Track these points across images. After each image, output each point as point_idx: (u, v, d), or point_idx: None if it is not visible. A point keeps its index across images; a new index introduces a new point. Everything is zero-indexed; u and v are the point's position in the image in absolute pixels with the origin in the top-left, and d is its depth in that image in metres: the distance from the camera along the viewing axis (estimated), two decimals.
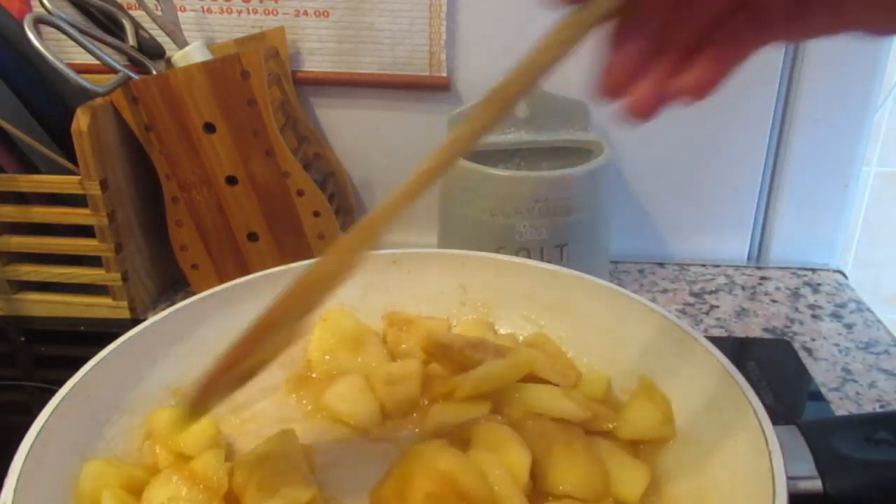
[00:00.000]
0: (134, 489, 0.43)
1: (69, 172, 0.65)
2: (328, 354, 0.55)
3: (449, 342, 0.51)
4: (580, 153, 0.71)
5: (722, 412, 0.44)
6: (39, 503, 0.39)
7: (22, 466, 0.38)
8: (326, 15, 0.74)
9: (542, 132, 0.73)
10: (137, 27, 0.69)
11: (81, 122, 0.62)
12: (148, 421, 0.48)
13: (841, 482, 0.40)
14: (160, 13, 0.69)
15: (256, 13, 0.74)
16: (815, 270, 0.79)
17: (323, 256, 0.38)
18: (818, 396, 0.59)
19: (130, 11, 0.70)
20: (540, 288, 0.58)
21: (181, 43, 0.69)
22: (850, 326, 0.69)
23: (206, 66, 0.63)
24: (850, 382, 0.61)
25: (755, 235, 0.82)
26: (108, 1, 0.69)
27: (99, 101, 0.64)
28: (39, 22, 0.61)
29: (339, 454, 0.48)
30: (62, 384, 0.44)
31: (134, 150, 0.69)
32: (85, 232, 0.68)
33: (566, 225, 0.66)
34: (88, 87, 0.61)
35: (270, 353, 0.40)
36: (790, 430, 0.42)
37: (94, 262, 0.69)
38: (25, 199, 0.68)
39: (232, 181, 0.68)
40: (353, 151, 0.80)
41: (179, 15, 0.71)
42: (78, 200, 0.66)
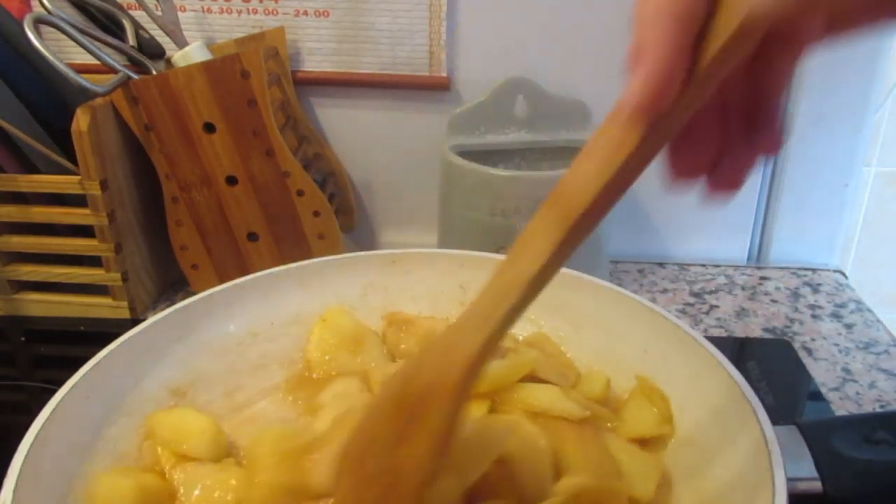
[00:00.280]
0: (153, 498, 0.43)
1: (69, 172, 0.65)
2: (328, 355, 0.55)
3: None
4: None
5: (722, 412, 0.44)
6: (39, 503, 0.39)
7: (21, 466, 0.38)
8: (326, 15, 0.74)
9: (542, 132, 0.73)
10: (137, 27, 0.69)
11: (81, 122, 0.62)
12: (147, 422, 0.48)
13: (840, 482, 0.40)
14: (160, 13, 0.69)
15: (256, 13, 0.74)
16: (815, 270, 0.79)
17: None
18: (818, 396, 0.59)
19: (130, 11, 0.70)
20: None
21: (181, 43, 0.69)
22: (850, 326, 0.69)
23: (206, 66, 0.63)
24: (850, 382, 0.61)
25: (755, 235, 0.82)
26: (108, 1, 0.69)
27: (99, 101, 0.64)
28: (39, 22, 0.61)
29: None
30: (62, 384, 0.44)
31: (134, 150, 0.69)
32: (85, 232, 0.68)
33: None
34: (88, 87, 0.61)
35: None
36: (790, 430, 0.42)
37: (94, 262, 0.69)
38: (25, 199, 0.68)
39: (232, 181, 0.68)
40: (353, 151, 0.80)
41: (179, 15, 0.71)
42: (78, 200, 0.66)
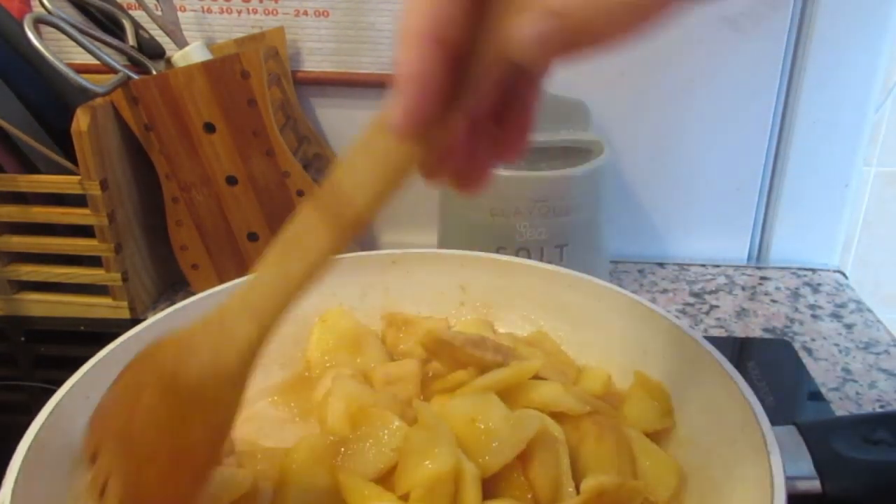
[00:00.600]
0: None
1: (69, 172, 0.65)
2: (327, 355, 0.55)
3: (450, 339, 0.51)
4: (580, 153, 0.71)
5: (721, 413, 0.44)
6: (38, 503, 0.39)
7: (21, 466, 0.38)
8: (326, 15, 0.74)
9: (542, 132, 0.73)
10: (137, 27, 0.69)
11: (81, 122, 0.62)
12: None
13: (839, 482, 0.40)
14: (160, 13, 0.69)
15: (256, 13, 0.74)
16: (815, 270, 0.79)
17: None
18: (818, 396, 0.59)
19: (130, 11, 0.70)
20: (540, 288, 0.58)
21: (181, 43, 0.69)
22: (850, 326, 0.69)
23: (206, 66, 0.63)
24: (850, 382, 0.61)
25: (755, 235, 0.82)
26: (108, 1, 0.69)
27: (99, 101, 0.64)
28: (39, 22, 0.61)
29: None
30: (62, 384, 0.44)
31: (134, 150, 0.69)
32: (85, 232, 0.68)
33: (566, 225, 0.66)
34: (88, 87, 0.61)
35: None
36: (789, 430, 0.42)
37: (94, 262, 0.69)
38: (25, 199, 0.68)
39: (232, 181, 0.68)
40: None
41: (179, 15, 0.71)
42: (78, 200, 0.66)
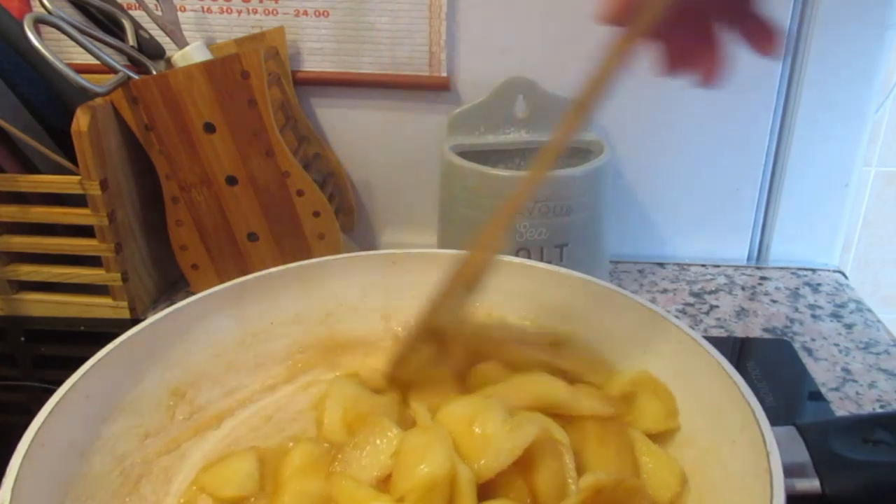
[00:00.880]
0: None
1: (69, 172, 0.65)
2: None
3: (500, 338, 0.50)
4: (580, 153, 0.71)
5: (721, 413, 0.44)
6: (38, 503, 0.39)
7: (20, 466, 0.38)
8: (326, 15, 0.74)
9: (542, 132, 0.73)
10: (137, 27, 0.69)
11: (81, 122, 0.62)
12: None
13: (839, 483, 0.40)
14: (160, 13, 0.69)
15: (256, 13, 0.74)
16: (815, 270, 0.79)
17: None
18: (818, 396, 0.59)
19: (130, 11, 0.70)
20: (540, 288, 0.58)
21: (181, 43, 0.69)
22: (850, 326, 0.69)
23: (206, 66, 0.63)
24: (850, 382, 0.61)
25: (755, 235, 0.82)
26: (108, 1, 0.69)
27: (99, 101, 0.64)
28: (39, 22, 0.61)
29: None
30: (62, 384, 0.44)
31: (134, 150, 0.69)
32: (85, 232, 0.68)
33: (566, 225, 0.66)
34: (88, 87, 0.61)
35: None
36: (788, 430, 0.42)
37: (94, 262, 0.69)
38: (25, 199, 0.68)
39: (232, 181, 0.68)
40: (353, 151, 0.80)
41: (179, 15, 0.71)
42: (78, 200, 0.66)
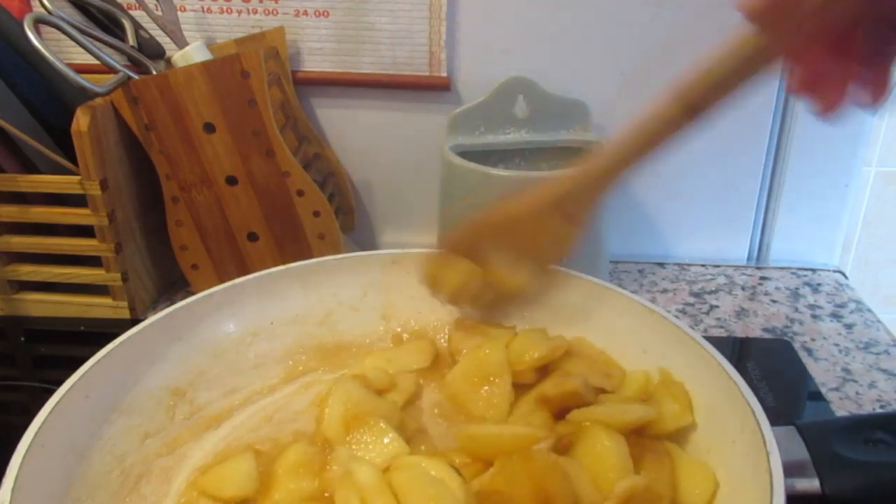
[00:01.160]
0: None
1: (69, 172, 0.65)
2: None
3: (574, 388, 0.48)
4: (580, 153, 0.71)
5: (720, 413, 0.44)
6: (38, 503, 0.39)
7: (20, 466, 0.38)
8: (326, 15, 0.74)
9: (542, 132, 0.73)
10: (137, 27, 0.69)
11: (81, 122, 0.62)
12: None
13: (839, 483, 0.40)
14: (160, 13, 0.69)
15: (256, 13, 0.74)
16: (815, 270, 0.79)
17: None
18: (818, 396, 0.59)
19: (130, 11, 0.70)
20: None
21: (181, 43, 0.69)
22: (850, 326, 0.69)
23: (206, 66, 0.63)
24: (850, 382, 0.61)
25: (755, 235, 0.82)
26: (108, 1, 0.69)
27: (99, 101, 0.64)
28: (39, 22, 0.61)
29: None
30: (62, 384, 0.44)
31: (134, 150, 0.69)
32: (85, 232, 0.68)
33: None
34: (88, 87, 0.61)
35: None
36: (788, 430, 0.42)
37: (94, 262, 0.69)
38: (25, 199, 0.68)
39: (232, 181, 0.68)
40: (353, 151, 0.80)
41: (179, 15, 0.71)
42: (78, 200, 0.66)
